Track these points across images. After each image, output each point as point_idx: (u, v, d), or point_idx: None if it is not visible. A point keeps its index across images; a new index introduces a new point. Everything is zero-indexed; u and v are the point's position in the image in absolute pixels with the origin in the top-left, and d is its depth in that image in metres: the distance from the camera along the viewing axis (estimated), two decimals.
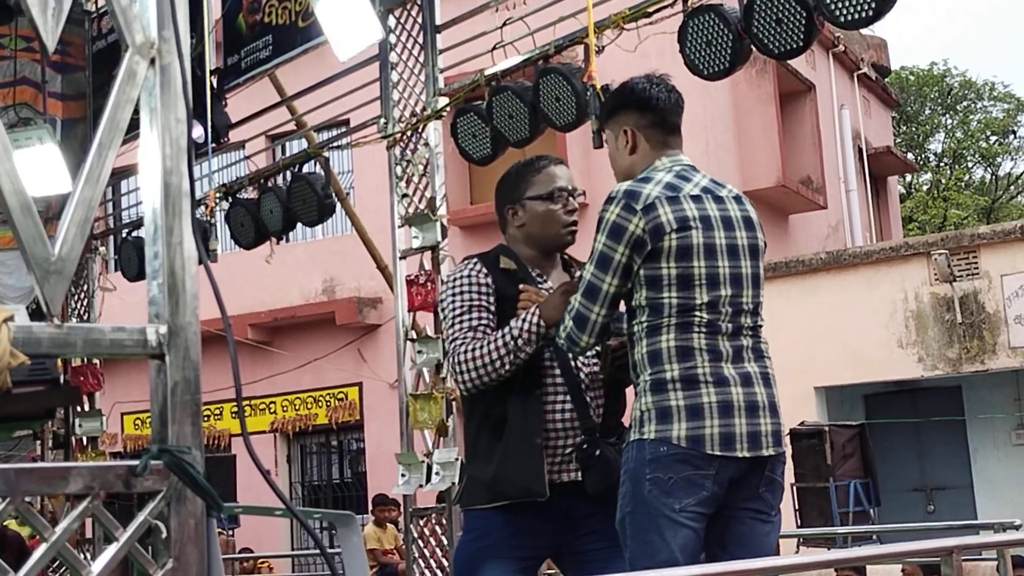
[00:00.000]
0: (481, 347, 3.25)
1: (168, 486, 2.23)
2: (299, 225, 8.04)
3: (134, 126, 2.32)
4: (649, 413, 3.00)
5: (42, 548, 2.10)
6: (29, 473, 2.11)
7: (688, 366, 2.99)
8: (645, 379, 3.04)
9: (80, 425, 9.15)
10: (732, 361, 3.03)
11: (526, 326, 3.22)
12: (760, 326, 3.16)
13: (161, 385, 2.27)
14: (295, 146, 13.11)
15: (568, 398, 3.32)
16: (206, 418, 16.06)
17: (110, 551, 2.15)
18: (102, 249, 9.90)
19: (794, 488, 12.30)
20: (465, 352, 3.26)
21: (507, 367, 3.22)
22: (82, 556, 3.32)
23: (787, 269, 13.62)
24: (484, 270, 3.42)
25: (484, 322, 3.33)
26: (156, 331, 2.26)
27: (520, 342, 3.21)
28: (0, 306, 2.06)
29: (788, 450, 12.04)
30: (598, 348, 3.33)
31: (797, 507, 12.31)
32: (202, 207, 8.24)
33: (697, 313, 3.01)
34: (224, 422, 16.02)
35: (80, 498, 2.18)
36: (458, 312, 3.35)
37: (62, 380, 8.44)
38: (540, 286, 3.43)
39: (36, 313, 2.24)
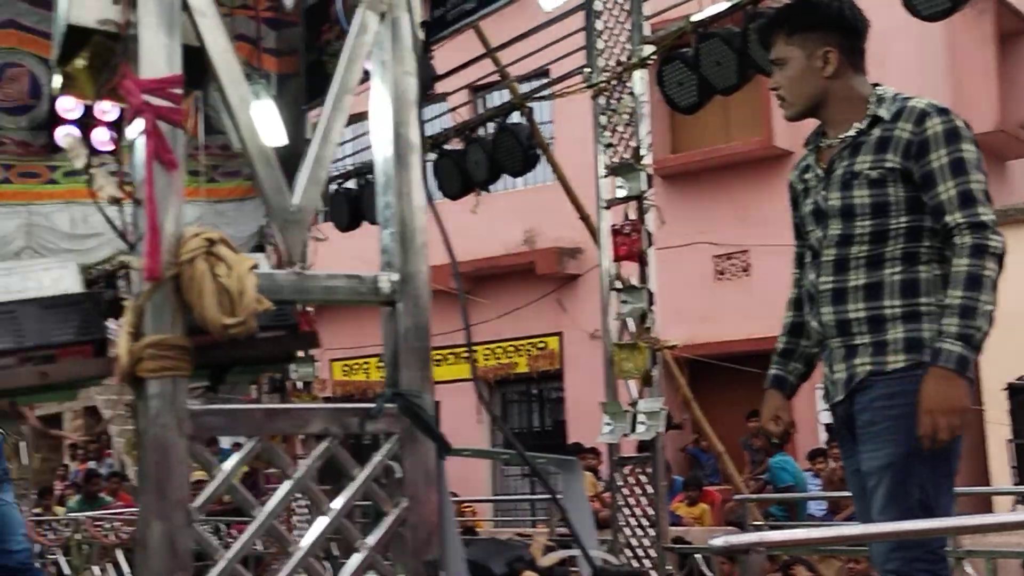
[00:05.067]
0: None
1: (401, 429, 2.31)
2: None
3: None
4: (900, 343, 2.93)
5: (286, 485, 2.21)
6: (276, 414, 2.22)
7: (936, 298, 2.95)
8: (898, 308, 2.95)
9: (295, 370, 9.50)
10: None
11: None
12: None
13: (393, 331, 2.35)
14: (496, 97, 13.22)
15: None
16: None
17: (349, 489, 2.25)
18: None
19: (1012, 444, 11.85)
20: None
21: None
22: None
23: (1005, 217, 12.99)
24: None
25: None
26: (388, 279, 2.33)
27: None
28: (245, 255, 2.17)
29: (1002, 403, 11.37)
30: None
31: (1015, 464, 11.87)
32: None
33: (939, 242, 2.97)
34: None
35: (318, 439, 2.28)
36: None
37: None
38: None
39: None
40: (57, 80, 2.27)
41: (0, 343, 2.18)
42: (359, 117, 3.00)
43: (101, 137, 8.33)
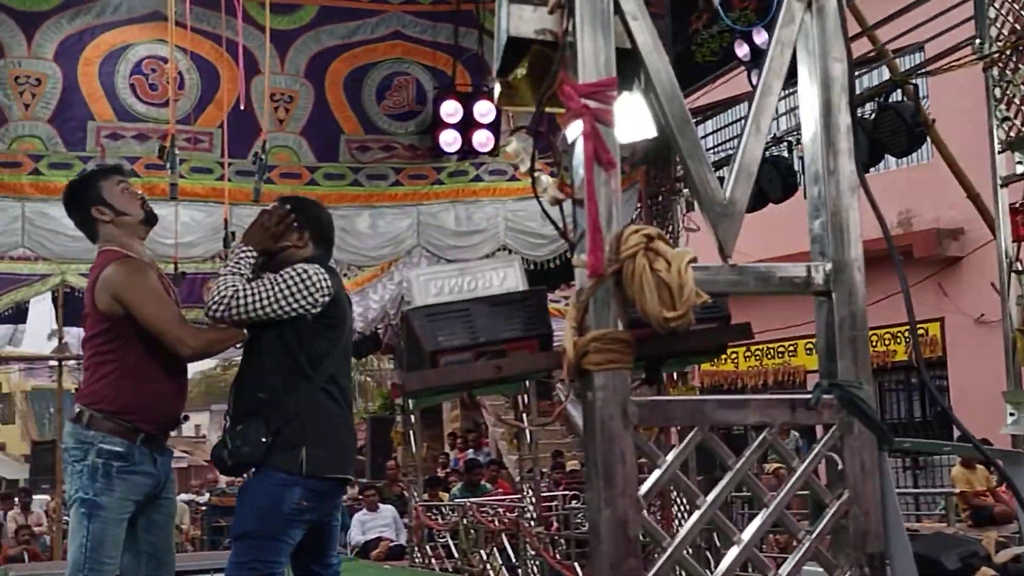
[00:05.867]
0: None
1: (840, 420, 2.28)
2: None
3: (705, 70, 2.39)
4: None
5: (728, 476, 2.24)
6: (715, 406, 2.25)
7: None
8: None
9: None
10: None
11: None
12: None
13: (826, 321, 2.33)
14: (864, 77, 12.76)
15: None
16: (780, 355, 16.22)
17: (791, 480, 2.25)
18: (686, 190, 10.25)
19: None
20: None
21: None
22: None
23: None
24: None
25: None
26: (821, 269, 2.31)
27: None
28: (682, 248, 2.21)
29: None
30: None
31: None
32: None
33: None
34: (798, 359, 16.09)
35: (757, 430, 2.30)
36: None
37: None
38: None
39: None
40: (497, 90, 2.41)
41: (458, 339, 2.35)
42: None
43: (480, 139, 8.77)
